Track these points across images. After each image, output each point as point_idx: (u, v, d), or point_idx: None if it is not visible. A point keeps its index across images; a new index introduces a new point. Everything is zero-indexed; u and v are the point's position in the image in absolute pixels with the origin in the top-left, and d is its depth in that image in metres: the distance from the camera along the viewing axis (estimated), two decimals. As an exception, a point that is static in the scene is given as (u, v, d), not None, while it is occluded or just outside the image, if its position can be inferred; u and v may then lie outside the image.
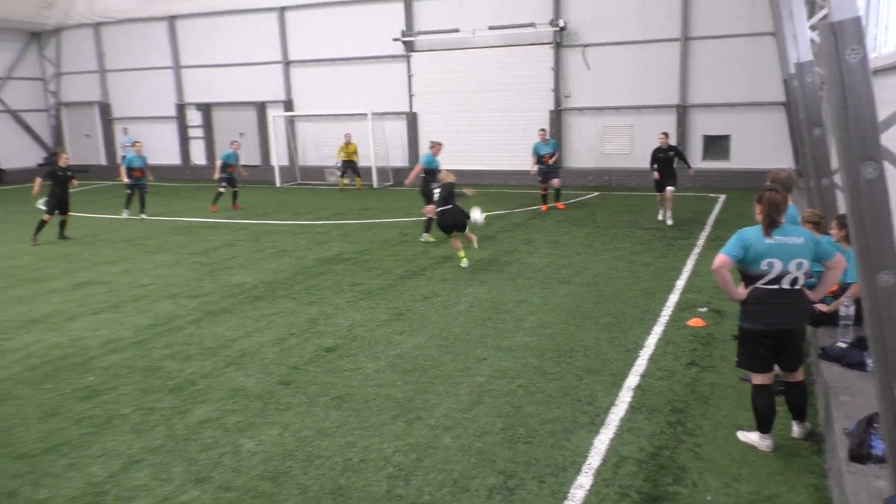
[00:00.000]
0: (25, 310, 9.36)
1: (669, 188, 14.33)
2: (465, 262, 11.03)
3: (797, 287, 4.84)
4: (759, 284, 4.84)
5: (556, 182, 16.81)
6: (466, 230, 11.36)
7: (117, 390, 6.53)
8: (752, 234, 4.85)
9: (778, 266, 4.76)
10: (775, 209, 4.76)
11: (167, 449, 5.36)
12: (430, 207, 12.11)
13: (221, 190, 18.40)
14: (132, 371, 7.02)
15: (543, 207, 16.88)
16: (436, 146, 14.25)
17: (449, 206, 11.23)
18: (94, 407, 6.17)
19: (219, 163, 18.52)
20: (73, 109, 29.83)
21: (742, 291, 4.92)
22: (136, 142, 17.36)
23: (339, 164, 22.79)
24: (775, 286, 4.81)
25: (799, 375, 5.12)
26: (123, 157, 22.55)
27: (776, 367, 5.13)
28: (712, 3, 19.94)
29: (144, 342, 7.90)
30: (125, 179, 17.05)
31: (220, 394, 6.38)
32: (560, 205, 17.06)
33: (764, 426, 5.06)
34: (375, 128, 23.21)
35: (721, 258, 4.86)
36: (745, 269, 4.88)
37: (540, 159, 16.72)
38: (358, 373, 6.79)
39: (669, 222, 14.36)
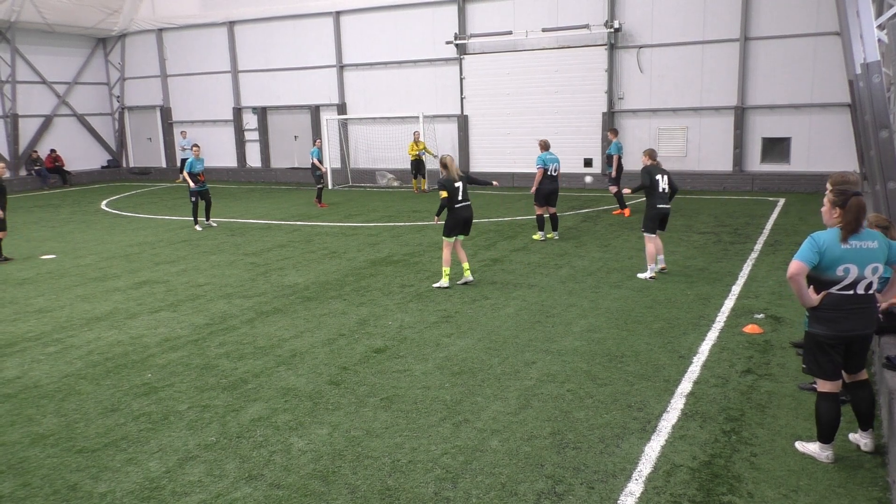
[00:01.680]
0: (88, 308, 9.71)
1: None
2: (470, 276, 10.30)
3: (870, 292, 4.69)
4: (833, 290, 4.69)
5: (610, 188, 16.57)
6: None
7: (174, 387, 6.72)
8: (826, 238, 4.67)
9: (854, 271, 4.62)
10: (864, 214, 4.61)
11: (221, 446, 5.48)
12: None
13: (320, 186, 19.36)
14: (188, 369, 7.20)
15: (626, 212, 16.40)
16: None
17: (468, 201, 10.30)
18: (151, 403, 6.36)
19: (316, 160, 19.07)
20: (136, 113, 30.88)
21: (815, 298, 4.77)
22: (195, 145, 16.99)
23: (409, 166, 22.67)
24: (850, 292, 4.66)
25: (864, 375, 4.97)
26: (183, 161, 23.28)
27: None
28: (774, 3, 19.39)
29: (200, 341, 8.11)
30: (192, 184, 16.04)
31: (271, 393, 6.50)
32: (615, 211, 16.61)
33: (826, 436, 4.89)
34: (427, 131, 23.35)
35: (797, 265, 4.68)
36: (819, 275, 4.72)
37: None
38: (406, 374, 6.83)
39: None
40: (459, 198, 10.12)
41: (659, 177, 10.28)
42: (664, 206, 10.28)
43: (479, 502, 4.57)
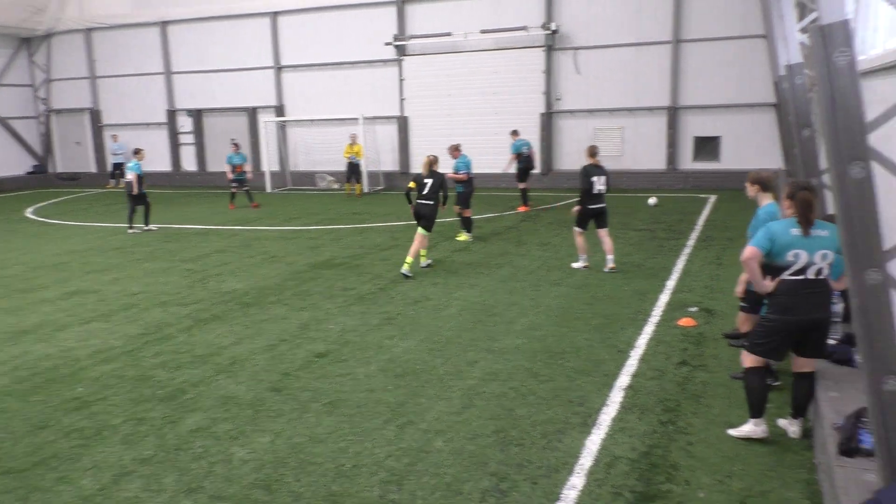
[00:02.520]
0: (14, 321, 9.29)
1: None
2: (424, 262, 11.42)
3: (822, 277, 4.92)
4: (785, 276, 4.91)
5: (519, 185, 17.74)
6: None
7: (107, 401, 6.49)
8: (778, 226, 4.94)
9: (804, 257, 4.85)
10: (809, 208, 4.83)
11: (158, 459, 5.32)
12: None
13: (233, 189, 19.64)
14: (122, 381, 6.97)
15: (524, 208, 17.45)
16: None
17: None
18: (83, 418, 6.13)
19: (227, 165, 19.51)
20: (64, 116, 29.72)
21: (769, 283, 4.97)
22: (139, 149, 17.06)
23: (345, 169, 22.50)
24: (801, 277, 4.89)
25: (812, 366, 5.19)
26: (116, 166, 24.23)
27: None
28: (704, 6, 20.05)
29: (135, 351, 7.86)
30: (136, 190, 15.99)
31: (210, 402, 6.35)
32: (521, 207, 17.48)
33: (757, 410, 5.15)
34: (367, 132, 23.21)
35: (750, 249, 4.94)
36: (772, 261, 4.95)
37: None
38: (349, 378, 6.78)
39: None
40: (423, 192, 10.95)
41: (595, 178, 10.41)
42: (595, 206, 10.52)
43: (424, 503, 4.57)
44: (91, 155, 29.46)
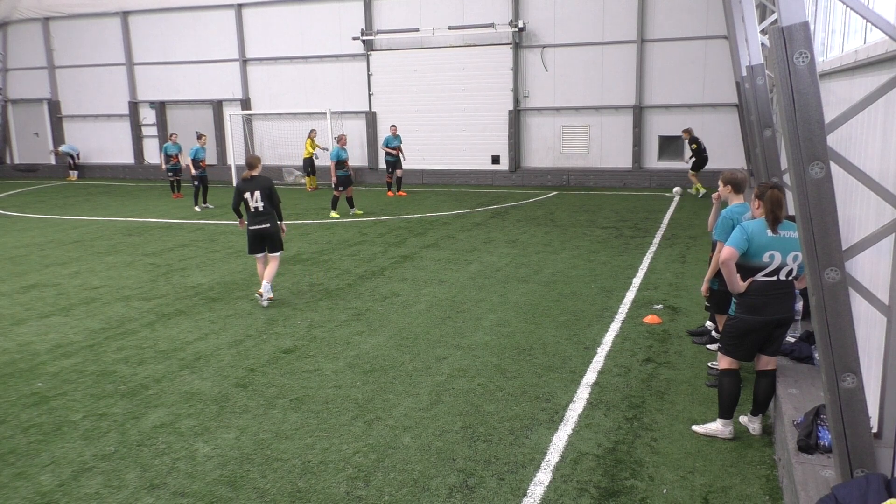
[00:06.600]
0: (-30, 314, 9.04)
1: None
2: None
3: (790, 278, 5.01)
4: (758, 277, 4.97)
5: (399, 172, 19.94)
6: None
7: (67, 396, 6.35)
8: (753, 227, 4.95)
9: (778, 258, 4.92)
10: (778, 206, 4.89)
11: (119, 455, 5.23)
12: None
13: (171, 178, 20.47)
14: (83, 376, 6.83)
15: (389, 193, 19.96)
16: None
17: None
18: (42, 414, 5.99)
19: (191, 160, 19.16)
20: (21, 106, 28.90)
21: (743, 284, 5.04)
22: (203, 134, 19.03)
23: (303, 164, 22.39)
24: (773, 278, 4.96)
25: (774, 364, 5.31)
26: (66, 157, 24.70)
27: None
28: (668, 7, 20.31)
29: (96, 346, 7.70)
30: (194, 171, 18.15)
31: (174, 398, 6.26)
32: (402, 192, 19.99)
33: (728, 410, 5.23)
34: (334, 127, 23.03)
35: (729, 250, 4.95)
36: (748, 262, 4.98)
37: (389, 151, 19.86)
38: (317, 374, 6.73)
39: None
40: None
41: (248, 194, 8.90)
42: (256, 226, 9.02)
43: (391, 500, 4.57)
44: (50, 146, 28.71)
